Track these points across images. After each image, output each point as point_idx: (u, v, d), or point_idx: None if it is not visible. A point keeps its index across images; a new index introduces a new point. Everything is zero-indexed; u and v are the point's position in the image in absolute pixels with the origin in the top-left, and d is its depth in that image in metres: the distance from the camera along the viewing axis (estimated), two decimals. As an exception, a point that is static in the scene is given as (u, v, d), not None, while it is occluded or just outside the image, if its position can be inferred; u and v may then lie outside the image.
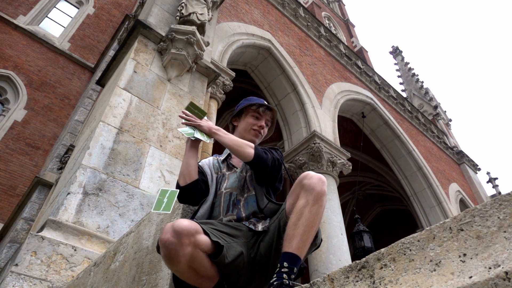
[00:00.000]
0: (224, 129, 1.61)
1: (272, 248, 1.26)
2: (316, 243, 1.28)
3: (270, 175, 1.50)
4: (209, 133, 1.55)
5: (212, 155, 1.92)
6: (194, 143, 1.56)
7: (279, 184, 1.58)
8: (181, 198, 1.50)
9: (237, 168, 1.61)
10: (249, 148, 1.46)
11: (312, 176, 1.25)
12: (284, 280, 1.07)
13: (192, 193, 1.49)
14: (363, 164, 10.93)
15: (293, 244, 1.13)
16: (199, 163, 1.66)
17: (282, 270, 1.10)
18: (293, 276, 1.11)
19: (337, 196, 6.31)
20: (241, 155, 1.45)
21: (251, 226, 1.36)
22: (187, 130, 1.54)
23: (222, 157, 1.72)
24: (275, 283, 1.08)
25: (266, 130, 1.77)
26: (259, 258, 1.28)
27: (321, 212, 1.21)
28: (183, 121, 1.57)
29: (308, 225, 1.16)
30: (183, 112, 1.58)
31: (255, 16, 7.94)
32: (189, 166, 1.51)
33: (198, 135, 1.53)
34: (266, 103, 1.78)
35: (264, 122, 1.73)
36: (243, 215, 1.44)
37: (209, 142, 1.58)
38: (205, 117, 1.64)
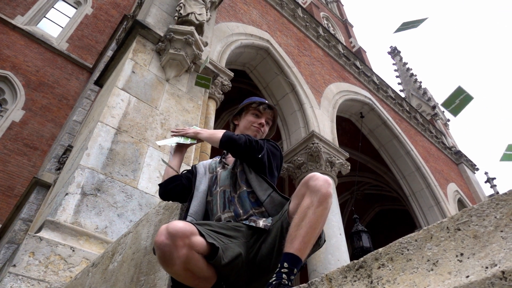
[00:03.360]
0: (224, 128, 1.66)
1: (274, 250, 1.25)
2: (319, 243, 1.27)
3: (249, 155, 1.50)
4: (194, 136, 1.71)
5: (211, 156, 1.96)
6: (177, 148, 1.75)
7: (270, 175, 1.54)
8: (160, 195, 1.64)
9: (228, 165, 1.62)
10: (219, 133, 1.56)
11: (318, 178, 1.24)
12: (283, 280, 1.07)
13: (168, 188, 1.61)
14: (361, 164, 10.94)
15: (295, 245, 1.12)
16: (196, 164, 1.71)
17: (282, 270, 1.09)
18: (292, 277, 1.10)
19: (335, 196, 6.32)
20: (214, 141, 1.56)
21: (252, 224, 1.34)
22: (169, 140, 1.73)
23: (219, 158, 1.74)
24: (273, 282, 1.08)
25: (266, 128, 1.77)
26: (260, 258, 1.27)
27: (325, 214, 1.19)
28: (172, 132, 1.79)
29: (311, 226, 1.15)
30: (176, 129, 1.79)
31: (254, 16, 7.94)
32: (168, 168, 1.67)
33: (181, 140, 1.71)
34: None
35: (264, 120, 1.74)
36: (240, 211, 1.43)
37: (190, 142, 1.76)
38: (197, 127, 1.85)
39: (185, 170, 1.74)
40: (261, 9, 8.52)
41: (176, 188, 1.59)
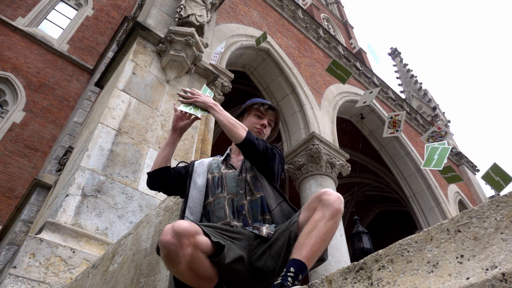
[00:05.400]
0: (223, 131, 1.60)
1: (280, 258, 1.26)
2: (323, 258, 1.29)
3: (263, 162, 1.50)
4: (204, 108, 1.58)
5: (211, 156, 1.91)
6: (174, 134, 1.61)
7: (276, 182, 1.57)
8: (147, 184, 1.59)
9: (235, 169, 1.59)
10: (242, 129, 1.48)
11: (331, 193, 1.27)
12: (288, 283, 1.07)
13: (154, 179, 1.57)
14: (362, 165, 10.94)
15: (303, 252, 1.13)
16: (195, 161, 1.67)
17: (288, 274, 1.10)
18: (297, 283, 1.11)
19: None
20: (233, 135, 1.48)
21: (255, 231, 1.35)
22: (186, 107, 1.58)
23: (222, 158, 1.70)
24: (277, 284, 1.08)
25: (269, 130, 1.75)
26: (263, 264, 1.27)
27: (335, 228, 1.21)
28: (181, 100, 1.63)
29: (321, 237, 1.16)
30: (183, 90, 1.62)
31: (254, 17, 7.96)
32: (159, 157, 1.59)
33: (192, 111, 1.57)
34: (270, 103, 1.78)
35: (266, 121, 1.72)
36: (249, 221, 1.43)
37: (202, 115, 1.60)
38: (207, 94, 1.65)
39: (182, 162, 1.73)
40: (261, 10, 8.53)
41: (163, 181, 1.57)
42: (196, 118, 1.59)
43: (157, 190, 1.61)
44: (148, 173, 1.59)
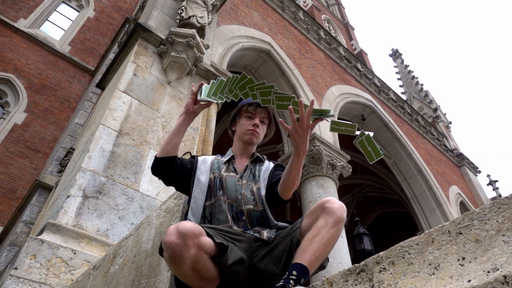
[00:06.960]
0: (224, 132, 1.62)
1: (280, 263, 1.27)
2: (324, 265, 1.29)
3: (275, 205, 1.58)
4: (295, 147, 1.39)
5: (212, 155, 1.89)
6: (187, 118, 1.55)
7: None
8: (152, 169, 1.55)
9: (236, 173, 1.58)
10: (293, 189, 1.50)
11: (334, 202, 1.28)
12: (289, 285, 1.07)
13: (161, 166, 1.52)
14: (363, 166, 10.91)
15: (306, 257, 1.14)
16: (200, 157, 1.66)
17: (290, 277, 1.10)
18: (299, 286, 1.11)
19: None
20: (287, 190, 1.46)
21: (256, 235, 1.37)
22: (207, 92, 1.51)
23: (224, 158, 1.68)
24: (279, 286, 1.08)
25: (264, 127, 1.73)
26: (264, 268, 1.28)
27: (337, 236, 1.22)
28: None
29: (324, 243, 1.17)
30: (301, 103, 1.34)
31: (255, 19, 7.97)
32: (169, 143, 1.53)
33: (214, 98, 1.51)
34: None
35: (258, 120, 1.69)
36: (249, 227, 1.45)
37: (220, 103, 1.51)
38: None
39: (188, 152, 1.72)
40: (262, 12, 8.54)
41: (168, 170, 1.55)
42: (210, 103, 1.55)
43: (158, 177, 1.59)
44: (156, 157, 1.53)
